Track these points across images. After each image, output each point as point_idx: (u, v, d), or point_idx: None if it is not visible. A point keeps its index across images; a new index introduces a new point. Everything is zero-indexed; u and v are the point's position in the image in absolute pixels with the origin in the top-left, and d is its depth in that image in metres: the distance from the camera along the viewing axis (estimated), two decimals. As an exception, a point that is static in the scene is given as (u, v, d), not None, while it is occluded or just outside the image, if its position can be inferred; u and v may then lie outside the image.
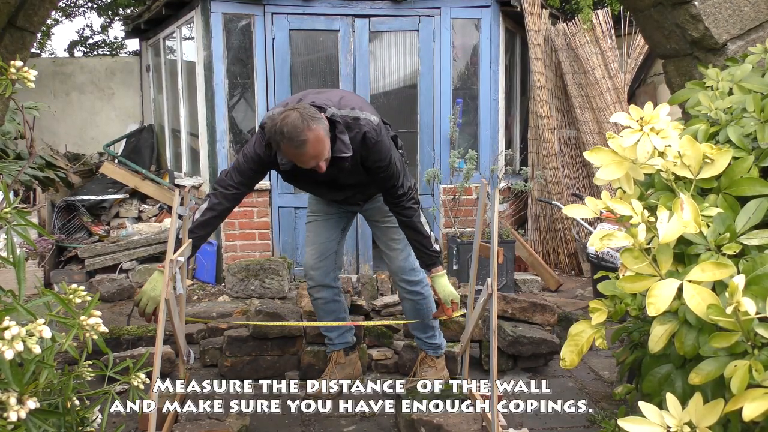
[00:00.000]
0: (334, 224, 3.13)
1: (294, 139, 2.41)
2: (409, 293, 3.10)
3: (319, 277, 3.13)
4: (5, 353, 1.12)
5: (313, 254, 3.13)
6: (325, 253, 3.12)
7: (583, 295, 5.19)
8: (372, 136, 2.66)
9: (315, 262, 3.13)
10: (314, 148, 2.46)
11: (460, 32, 5.74)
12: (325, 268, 3.13)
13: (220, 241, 5.52)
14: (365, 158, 2.70)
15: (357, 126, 2.66)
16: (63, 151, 7.53)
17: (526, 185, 5.86)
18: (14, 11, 2.24)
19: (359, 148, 2.66)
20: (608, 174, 1.56)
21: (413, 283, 3.09)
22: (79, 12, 11.38)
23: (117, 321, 4.48)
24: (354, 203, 3.05)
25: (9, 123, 2.91)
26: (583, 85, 6.04)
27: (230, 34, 5.42)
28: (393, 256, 3.08)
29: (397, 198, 2.80)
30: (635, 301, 1.67)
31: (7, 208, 1.30)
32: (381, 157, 2.70)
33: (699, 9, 2.35)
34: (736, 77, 1.95)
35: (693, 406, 1.27)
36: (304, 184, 2.95)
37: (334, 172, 2.67)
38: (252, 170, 2.75)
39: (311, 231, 3.16)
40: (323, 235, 3.12)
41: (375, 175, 2.76)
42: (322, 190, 2.96)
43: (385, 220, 3.04)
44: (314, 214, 3.17)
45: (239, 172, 2.75)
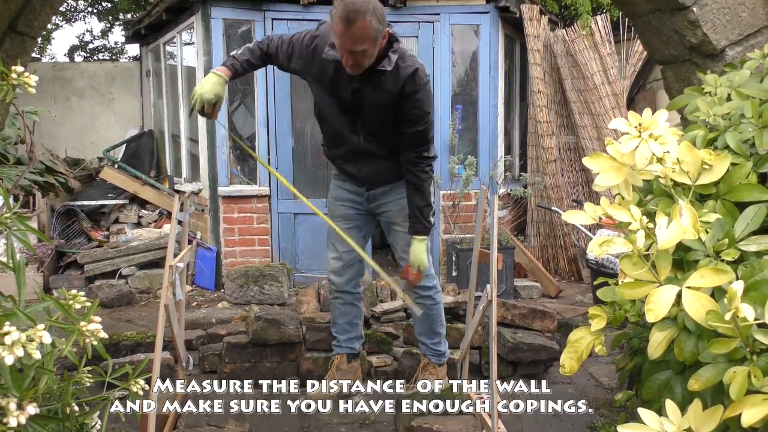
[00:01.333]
0: (356, 232, 3.09)
1: (350, 12, 2.44)
2: (421, 298, 3.09)
3: (341, 283, 3.15)
4: (5, 359, 1.12)
5: (337, 262, 3.13)
6: (350, 262, 3.12)
7: (583, 301, 5.19)
8: (422, 77, 2.70)
9: (339, 269, 3.13)
10: (361, 32, 2.46)
11: (460, 38, 5.76)
12: (348, 275, 3.14)
13: (220, 247, 5.52)
14: (405, 97, 2.69)
15: (411, 61, 2.71)
16: (63, 156, 7.53)
17: (525, 191, 5.86)
18: (15, 16, 2.24)
19: (404, 82, 2.67)
20: (607, 180, 1.56)
21: (427, 289, 3.08)
22: (79, 17, 11.41)
23: (116, 326, 4.48)
24: (368, 180, 2.99)
25: (9, 128, 2.92)
26: (582, 90, 6.05)
27: (230, 40, 5.43)
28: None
29: (419, 159, 2.82)
30: (634, 307, 1.67)
31: (7, 213, 1.30)
32: (421, 105, 2.71)
33: (697, 15, 2.36)
34: (734, 83, 1.95)
35: (692, 413, 1.27)
36: (327, 107, 2.88)
37: (364, 95, 2.69)
38: (291, 42, 2.82)
39: (333, 238, 3.12)
40: (346, 244, 3.06)
41: (405, 126, 2.74)
42: (341, 128, 2.87)
43: (405, 225, 2.99)
44: (334, 220, 3.11)
45: (284, 38, 2.85)
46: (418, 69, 2.69)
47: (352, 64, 2.58)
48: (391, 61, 2.64)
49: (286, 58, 2.84)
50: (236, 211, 5.51)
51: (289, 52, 2.82)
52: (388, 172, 2.95)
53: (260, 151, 5.48)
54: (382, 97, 2.70)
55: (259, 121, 5.47)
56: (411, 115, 2.71)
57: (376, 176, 2.97)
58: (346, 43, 2.50)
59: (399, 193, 2.98)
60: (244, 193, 5.50)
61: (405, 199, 2.95)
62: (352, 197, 3.08)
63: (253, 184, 5.55)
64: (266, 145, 5.47)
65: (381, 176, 2.97)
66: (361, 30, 2.46)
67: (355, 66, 2.59)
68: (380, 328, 3.70)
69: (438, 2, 5.52)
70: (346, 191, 3.09)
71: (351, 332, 3.23)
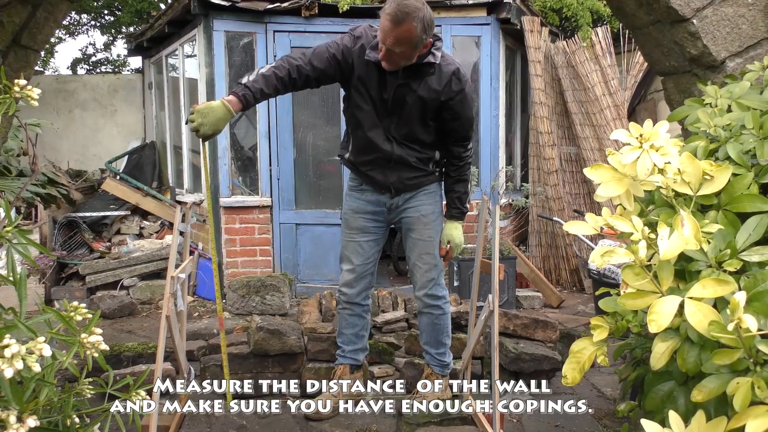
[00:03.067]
0: (372, 245, 3.10)
1: (399, 12, 2.51)
2: (430, 307, 3.09)
3: (352, 295, 3.15)
4: (5, 371, 1.12)
5: (350, 275, 3.13)
6: (363, 274, 3.13)
7: (585, 311, 5.17)
8: (465, 74, 2.81)
9: (351, 280, 3.13)
10: (404, 34, 2.55)
11: (461, 49, 5.78)
12: (360, 287, 3.14)
13: (221, 258, 5.52)
14: (453, 95, 2.78)
15: (453, 62, 2.82)
16: (65, 167, 7.55)
17: (527, 201, 5.87)
18: (19, 30, 2.26)
19: (449, 79, 2.76)
20: (608, 191, 1.56)
21: (436, 298, 3.08)
22: (82, 30, 11.49)
23: (118, 338, 4.48)
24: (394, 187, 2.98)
25: (12, 140, 2.93)
26: (583, 101, 6.06)
27: (232, 52, 5.46)
28: (424, 270, 3.04)
29: (466, 152, 2.98)
30: (637, 317, 1.66)
31: (8, 226, 1.31)
32: (468, 101, 2.85)
33: (697, 27, 2.37)
34: (734, 94, 1.96)
35: (696, 424, 1.26)
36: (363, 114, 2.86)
37: (408, 90, 2.75)
38: (326, 56, 2.74)
39: (348, 251, 3.12)
40: (361, 257, 3.09)
41: (455, 123, 2.86)
42: (375, 135, 2.88)
43: (424, 233, 3.02)
44: (351, 232, 3.10)
45: (315, 51, 2.78)
46: (459, 68, 2.82)
47: (387, 60, 2.66)
48: (436, 56, 2.73)
49: (332, 63, 2.75)
50: (238, 222, 5.52)
51: (336, 58, 2.74)
52: (413, 179, 2.99)
53: (262, 162, 5.50)
54: (426, 94, 2.77)
55: (261, 132, 5.49)
56: (459, 112, 2.84)
57: (401, 183, 2.99)
58: (388, 40, 2.58)
59: (419, 200, 3.02)
60: (246, 203, 5.50)
61: (425, 206, 3.02)
62: (373, 208, 3.07)
63: (255, 195, 5.56)
64: (268, 156, 5.49)
65: (405, 183, 2.99)
66: (406, 32, 2.55)
67: (390, 63, 2.67)
68: (382, 338, 3.69)
69: (439, 14, 5.54)
70: (366, 202, 3.07)
71: (357, 344, 3.23)
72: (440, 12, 5.53)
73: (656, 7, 2.42)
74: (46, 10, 2.33)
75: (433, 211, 3.05)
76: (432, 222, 3.04)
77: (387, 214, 3.08)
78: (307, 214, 5.56)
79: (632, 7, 2.55)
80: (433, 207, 3.05)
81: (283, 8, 5.27)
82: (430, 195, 3.05)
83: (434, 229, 3.04)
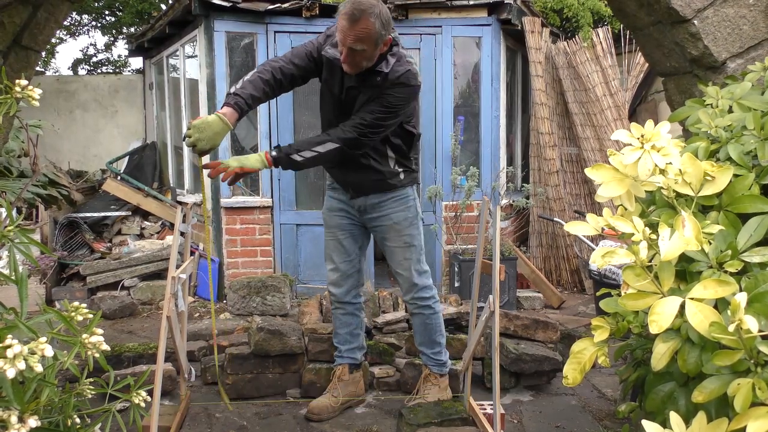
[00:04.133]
0: (351, 242, 3.11)
1: (355, 10, 2.51)
2: (420, 308, 3.10)
3: (340, 294, 3.16)
4: (7, 372, 1.12)
5: (334, 274, 3.14)
6: (346, 272, 3.13)
7: (586, 312, 5.17)
8: (410, 78, 2.73)
9: (337, 279, 3.14)
10: (363, 32, 2.53)
11: (461, 50, 5.78)
12: (347, 286, 3.15)
13: (222, 258, 5.52)
14: (387, 88, 2.71)
15: (406, 65, 2.75)
16: (66, 168, 7.56)
17: (527, 202, 5.86)
18: (19, 30, 2.26)
19: (394, 80, 2.71)
20: (609, 191, 1.56)
21: (425, 299, 3.09)
22: (83, 31, 11.52)
23: (118, 338, 4.48)
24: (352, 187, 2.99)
25: (13, 141, 2.93)
26: (584, 102, 6.06)
27: (233, 53, 5.46)
28: (406, 276, 3.05)
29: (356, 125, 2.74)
30: (637, 318, 1.66)
31: (10, 226, 1.31)
32: (393, 95, 2.71)
33: (698, 28, 2.37)
34: (735, 95, 1.96)
35: (697, 425, 1.26)
36: (325, 109, 2.94)
37: (357, 94, 2.73)
38: (304, 52, 2.80)
39: (330, 249, 3.15)
40: (342, 255, 3.10)
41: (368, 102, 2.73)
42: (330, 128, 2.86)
43: (399, 240, 3.00)
44: (329, 230, 3.14)
45: (293, 50, 2.83)
46: (409, 70, 2.73)
47: (349, 62, 2.62)
48: (389, 63, 2.69)
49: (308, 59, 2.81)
50: (238, 222, 5.52)
51: (308, 52, 2.82)
52: (374, 181, 2.95)
53: (263, 163, 5.50)
54: (372, 93, 2.73)
55: (262, 133, 5.49)
56: (380, 98, 2.72)
57: (360, 184, 2.97)
58: (348, 39, 2.55)
59: (390, 207, 2.99)
60: (247, 204, 5.50)
61: (396, 213, 2.98)
62: (344, 207, 3.10)
63: (256, 196, 5.56)
64: (269, 156, 5.49)
65: (365, 185, 2.97)
66: (364, 29, 2.52)
67: (352, 65, 2.64)
68: (382, 339, 3.69)
69: (440, 15, 5.55)
70: (338, 201, 3.11)
71: (353, 343, 3.23)
72: (441, 13, 5.54)
73: (657, 7, 2.42)
74: (47, 10, 2.33)
75: (405, 217, 3.01)
76: (406, 228, 3.01)
77: (358, 214, 3.07)
78: (307, 214, 5.57)
79: (633, 7, 2.55)
80: (406, 213, 3.01)
81: (284, 9, 5.28)
82: (400, 201, 3.01)
83: (410, 234, 3.02)
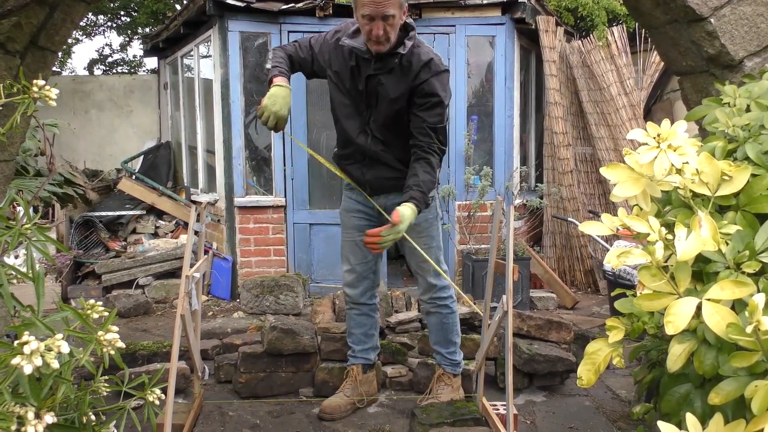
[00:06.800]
0: None
1: None
2: (437, 307, 3.09)
3: (356, 296, 3.14)
4: (24, 368, 1.13)
5: (350, 275, 3.13)
6: (362, 274, 3.12)
7: (600, 312, 5.14)
8: (438, 64, 2.71)
9: (352, 281, 3.13)
10: None
11: (475, 49, 5.76)
12: (362, 288, 3.13)
13: (236, 257, 5.55)
14: (420, 84, 2.68)
15: (427, 50, 2.74)
16: (82, 167, 7.63)
17: (541, 202, 5.84)
18: (36, 31, 2.28)
19: (420, 69, 2.68)
20: (625, 191, 1.55)
21: (443, 299, 3.08)
22: (99, 31, 11.60)
23: (133, 336, 4.51)
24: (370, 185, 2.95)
25: (29, 140, 2.96)
26: (599, 101, 6.03)
27: (247, 53, 5.48)
28: (426, 277, 3.04)
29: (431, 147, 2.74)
30: (653, 319, 1.65)
31: (27, 224, 1.32)
32: (435, 90, 2.69)
33: (715, 26, 2.34)
34: (753, 94, 1.94)
35: (713, 427, 1.25)
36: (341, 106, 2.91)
37: (380, 81, 2.72)
38: (308, 43, 2.85)
39: (346, 250, 3.12)
40: (358, 256, 3.07)
41: (420, 113, 2.71)
42: (351, 128, 2.88)
43: (419, 242, 2.91)
44: (346, 231, 3.11)
45: (300, 41, 2.89)
46: (433, 59, 2.72)
47: (382, 36, 2.59)
48: (405, 46, 2.69)
49: (310, 55, 2.86)
50: (252, 222, 5.54)
51: (313, 49, 2.85)
52: (392, 180, 2.91)
53: (276, 162, 5.52)
54: (397, 86, 2.72)
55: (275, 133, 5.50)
56: (425, 102, 2.71)
57: (379, 182, 2.94)
58: (379, 8, 2.53)
59: None
60: (260, 203, 5.52)
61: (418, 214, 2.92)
62: (361, 208, 3.06)
63: (269, 195, 5.58)
64: (282, 156, 5.51)
65: (383, 183, 2.94)
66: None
67: (384, 40, 2.60)
68: (395, 339, 3.69)
69: (453, 14, 5.54)
70: (355, 201, 3.08)
71: (367, 343, 3.23)
72: (455, 12, 5.52)
73: (673, 6, 2.40)
74: (63, 11, 2.35)
75: (426, 218, 2.95)
76: (426, 230, 2.98)
77: (378, 215, 2.97)
78: (320, 214, 5.58)
79: (649, 6, 2.53)
80: (426, 213, 2.93)
81: (298, 9, 5.29)
82: None
83: (430, 235, 3.00)
